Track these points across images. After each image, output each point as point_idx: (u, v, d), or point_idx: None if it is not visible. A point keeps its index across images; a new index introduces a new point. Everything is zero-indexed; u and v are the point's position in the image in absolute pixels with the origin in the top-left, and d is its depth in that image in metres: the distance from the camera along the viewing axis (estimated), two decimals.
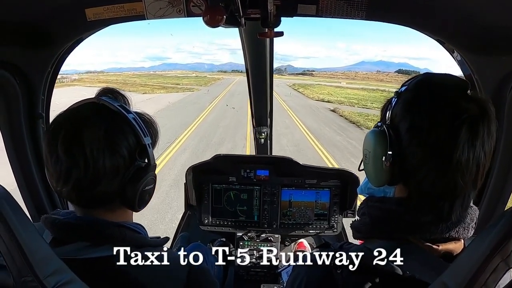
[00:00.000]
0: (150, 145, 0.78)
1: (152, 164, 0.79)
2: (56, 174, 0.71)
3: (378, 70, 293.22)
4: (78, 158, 0.68)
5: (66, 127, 0.71)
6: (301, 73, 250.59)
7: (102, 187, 0.71)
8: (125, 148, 0.73)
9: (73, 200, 0.75)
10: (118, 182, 0.73)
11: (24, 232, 0.60)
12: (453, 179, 0.62)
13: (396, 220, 0.69)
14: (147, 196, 0.80)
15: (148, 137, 0.78)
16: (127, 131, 0.74)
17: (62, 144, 0.69)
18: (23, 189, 1.42)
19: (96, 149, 0.69)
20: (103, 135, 0.70)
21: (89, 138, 0.69)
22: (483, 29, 1.03)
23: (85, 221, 0.75)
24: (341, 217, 1.83)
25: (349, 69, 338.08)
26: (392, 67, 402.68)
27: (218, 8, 0.99)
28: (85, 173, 0.69)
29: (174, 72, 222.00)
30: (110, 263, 0.72)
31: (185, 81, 73.59)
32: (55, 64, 1.34)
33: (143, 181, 0.76)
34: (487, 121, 0.62)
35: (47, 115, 1.42)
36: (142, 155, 0.76)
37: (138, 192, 0.75)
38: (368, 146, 0.73)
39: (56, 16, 1.18)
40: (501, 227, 0.51)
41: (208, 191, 1.81)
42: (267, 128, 2.22)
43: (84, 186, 0.70)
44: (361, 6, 1.08)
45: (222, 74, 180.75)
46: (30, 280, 0.59)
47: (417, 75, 0.72)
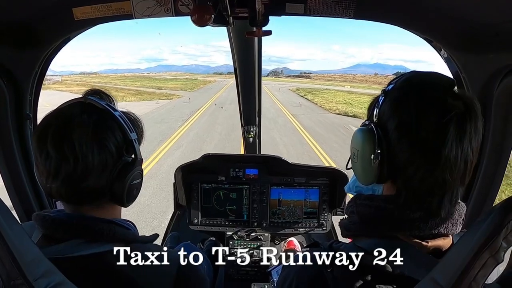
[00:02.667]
0: (136, 141, 0.80)
1: (138, 159, 0.81)
2: (45, 171, 0.72)
3: (376, 72, 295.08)
4: (68, 154, 0.70)
5: (56, 124, 0.72)
6: (297, 76, 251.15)
7: (91, 182, 0.73)
8: (112, 144, 0.75)
9: (62, 197, 0.75)
10: (107, 177, 0.75)
11: (13, 234, 0.59)
12: (441, 176, 0.62)
13: (385, 217, 0.69)
14: (135, 190, 0.82)
15: (134, 133, 0.81)
16: (114, 127, 0.76)
17: (52, 140, 0.70)
18: (11, 190, 1.40)
19: (85, 145, 0.71)
20: (92, 131, 0.72)
21: (78, 134, 0.71)
22: (470, 27, 1.04)
23: (75, 217, 0.76)
24: (331, 215, 1.84)
25: (346, 71, 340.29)
26: (388, 70, 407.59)
27: (206, 7, 0.99)
28: (74, 168, 0.70)
29: (168, 73, 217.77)
30: (103, 260, 0.73)
31: (171, 84, 62.23)
32: (42, 64, 1.32)
33: (130, 175, 0.78)
34: (474, 118, 0.62)
35: (35, 116, 1.40)
36: (128, 151, 0.79)
37: (126, 186, 0.77)
38: (356, 145, 0.73)
39: (43, 15, 1.17)
40: (489, 223, 0.52)
41: (198, 191, 1.81)
42: (256, 127, 2.23)
43: (73, 181, 0.72)
44: (349, 5, 1.09)
45: (217, 76, 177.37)
46: (19, 283, 0.58)
47: (404, 73, 0.72)
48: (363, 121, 0.75)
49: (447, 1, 1.04)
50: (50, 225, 0.74)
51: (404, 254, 0.66)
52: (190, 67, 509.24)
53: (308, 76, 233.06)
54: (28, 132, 1.38)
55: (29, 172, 1.40)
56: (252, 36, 1.13)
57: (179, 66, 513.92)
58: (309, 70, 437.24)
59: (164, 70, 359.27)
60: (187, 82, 76.54)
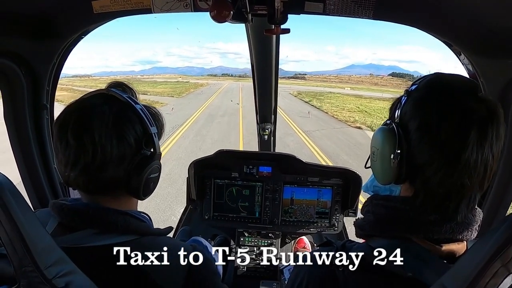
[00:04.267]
0: (156, 135, 0.81)
1: (157, 153, 0.82)
2: (64, 159, 0.73)
3: (371, 73, 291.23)
4: (87, 144, 0.71)
5: (77, 114, 0.74)
6: (292, 77, 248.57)
7: (108, 172, 0.73)
8: (132, 136, 0.75)
9: (79, 186, 0.76)
10: (124, 168, 0.75)
11: (26, 222, 0.60)
12: (460, 180, 0.62)
13: (400, 218, 0.69)
14: (152, 184, 0.82)
15: (154, 127, 0.81)
16: (134, 120, 0.77)
17: (72, 130, 0.72)
18: (26, 179, 1.42)
19: (104, 136, 0.71)
20: (112, 123, 0.73)
21: (98, 125, 0.72)
22: (491, 32, 1.03)
23: (91, 207, 0.76)
24: (342, 216, 1.82)
25: (340, 72, 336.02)
26: (382, 70, 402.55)
27: (225, 3, 0.99)
28: (93, 158, 0.71)
29: (162, 75, 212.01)
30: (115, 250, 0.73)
31: (159, 88, 53.54)
32: (60, 55, 1.34)
33: (148, 168, 0.78)
34: (496, 123, 0.62)
35: (51, 106, 1.42)
36: (148, 144, 0.79)
37: (143, 179, 0.78)
38: (376, 144, 0.73)
39: (62, 8, 1.18)
40: (502, 232, 0.51)
41: (210, 186, 1.81)
42: (271, 125, 2.22)
43: (91, 171, 0.72)
44: (369, 5, 1.08)
45: (211, 78, 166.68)
46: (30, 270, 0.59)
47: (427, 74, 0.72)
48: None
49: (468, 4, 1.02)
50: (67, 214, 0.75)
51: (417, 257, 0.66)
52: (185, 69, 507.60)
53: (303, 77, 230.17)
54: (45, 122, 1.40)
55: (44, 162, 1.42)
56: (270, 34, 1.12)
57: (174, 68, 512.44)
58: (304, 71, 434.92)
59: (159, 72, 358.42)
60: (177, 85, 68.33)
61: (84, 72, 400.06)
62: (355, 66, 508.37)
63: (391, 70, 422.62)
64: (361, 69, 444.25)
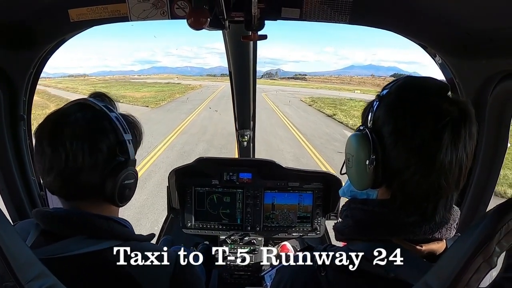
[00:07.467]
0: (130, 142, 0.82)
1: (131, 159, 0.82)
2: (41, 166, 0.76)
3: (372, 74, 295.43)
4: (60, 151, 0.73)
5: (52, 123, 0.77)
6: (293, 77, 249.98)
7: (82, 178, 0.75)
8: (104, 143, 0.77)
9: (56, 191, 0.78)
10: (99, 174, 0.77)
11: (6, 236, 0.59)
12: (437, 181, 0.63)
13: (379, 222, 0.69)
14: (127, 190, 0.83)
15: (129, 134, 0.82)
16: (108, 128, 0.78)
17: (47, 138, 0.75)
18: (4, 191, 1.39)
19: (76, 142, 0.73)
20: (84, 130, 0.75)
21: (69, 132, 0.74)
22: (465, 33, 1.05)
23: (72, 213, 0.78)
24: (324, 220, 1.84)
25: (340, 73, 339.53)
26: (381, 71, 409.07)
27: (202, 10, 0.99)
28: (66, 164, 0.73)
29: (159, 75, 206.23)
30: (102, 257, 0.75)
31: (142, 92, 42.91)
32: (37, 65, 1.32)
33: (122, 174, 0.79)
34: (469, 123, 0.63)
35: (29, 117, 1.40)
36: (122, 151, 0.80)
37: (118, 185, 0.78)
38: (350, 150, 0.73)
39: (38, 16, 1.16)
40: (483, 228, 0.52)
41: (191, 194, 1.81)
42: (250, 131, 2.23)
43: (65, 176, 0.75)
44: (345, 10, 1.09)
45: (209, 79, 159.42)
46: (11, 285, 0.58)
47: (398, 78, 0.73)
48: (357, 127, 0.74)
49: (442, 7, 1.05)
50: (51, 221, 0.77)
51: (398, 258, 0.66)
52: (183, 69, 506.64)
53: (304, 78, 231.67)
54: (22, 133, 1.37)
55: (22, 173, 1.39)
56: (247, 40, 1.13)
57: (172, 68, 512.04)
58: (304, 72, 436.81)
59: (157, 72, 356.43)
60: (164, 88, 54.33)
61: (83, 72, 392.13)
62: (355, 67, 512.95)
63: (390, 71, 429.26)
64: (361, 70, 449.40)
